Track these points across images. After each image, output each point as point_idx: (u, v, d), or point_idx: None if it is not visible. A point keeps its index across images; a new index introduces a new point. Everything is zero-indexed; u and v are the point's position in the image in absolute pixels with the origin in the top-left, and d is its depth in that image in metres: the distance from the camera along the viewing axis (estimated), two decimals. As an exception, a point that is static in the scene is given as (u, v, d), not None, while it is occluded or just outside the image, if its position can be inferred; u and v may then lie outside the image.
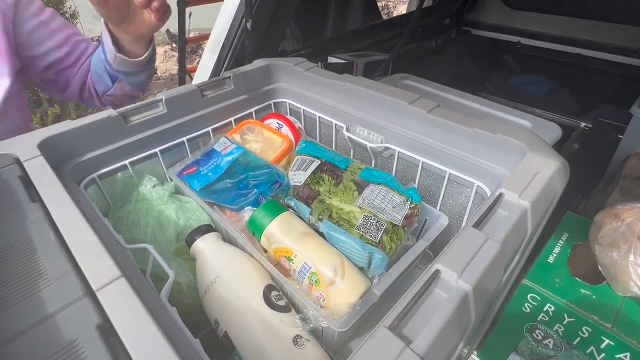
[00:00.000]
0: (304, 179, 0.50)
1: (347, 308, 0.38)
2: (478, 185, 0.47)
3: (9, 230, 0.33)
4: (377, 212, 0.45)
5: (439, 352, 0.24)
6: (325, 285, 0.40)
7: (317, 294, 0.40)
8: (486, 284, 0.29)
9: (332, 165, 0.51)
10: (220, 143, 0.56)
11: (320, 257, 0.41)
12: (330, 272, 0.40)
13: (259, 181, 0.50)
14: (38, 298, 0.27)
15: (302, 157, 0.53)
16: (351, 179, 0.49)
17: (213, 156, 0.54)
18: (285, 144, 0.58)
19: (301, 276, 0.42)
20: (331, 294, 0.39)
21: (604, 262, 0.47)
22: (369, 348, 0.24)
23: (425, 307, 0.27)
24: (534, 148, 0.40)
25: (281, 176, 0.51)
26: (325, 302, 0.40)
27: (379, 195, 0.46)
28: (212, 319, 0.40)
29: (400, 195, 0.47)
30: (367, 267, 0.43)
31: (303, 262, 0.42)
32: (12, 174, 0.40)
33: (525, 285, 0.48)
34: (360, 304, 0.38)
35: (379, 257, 0.42)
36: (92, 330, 0.25)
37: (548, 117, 1.04)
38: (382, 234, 0.43)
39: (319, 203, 0.47)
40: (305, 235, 0.44)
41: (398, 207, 0.46)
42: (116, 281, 0.28)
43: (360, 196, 0.47)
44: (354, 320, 0.37)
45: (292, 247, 0.43)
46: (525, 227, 0.35)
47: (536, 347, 0.43)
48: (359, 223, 0.44)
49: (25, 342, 0.25)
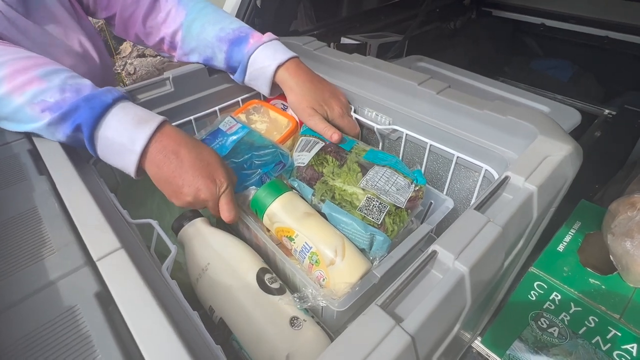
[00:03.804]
0: (308, 159, 0.49)
1: (346, 288, 0.38)
2: (486, 169, 0.45)
3: (17, 200, 0.34)
4: (380, 193, 0.44)
5: (429, 332, 0.24)
6: (325, 265, 0.40)
7: (317, 274, 0.40)
8: (484, 267, 0.28)
9: (336, 146, 0.51)
10: (225, 122, 0.56)
11: (321, 237, 0.41)
12: (331, 252, 0.40)
13: (262, 161, 0.50)
14: (41, 265, 0.28)
15: (307, 137, 0.52)
16: (355, 160, 0.48)
17: (218, 135, 0.54)
18: (290, 125, 0.57)
19: (302, 256, 0.42)
20: (331, 273, 0.39)
21: (616, 251, 0.45)
22: (360, 325, 0.24)
23: (419, 287, 0.27)
24: (545, 131, 0.39)
25: (285, 156, 0.51)
26: (324, 282, 0.40)
27: (382, 176, 0.46)
28: (205, 305, 0.41)
29: (405, 177, 0.46)
30: (368, 248, 0.42)
31: (304, 241, 0.41)
32: (22, 147, 0.41)
33: (532, 273, 0.47)
34: (359, 284, 0.38)
35: (380, 239, 0.41)
36: (90, 298, 0.26)
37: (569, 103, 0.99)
38: (384, 215, 0.43)
39: (321, 184, 0.47)
40: (307, 216, 0.44)
41: (402, 189, 0.45)
42: (116, 252, 0.29)
43: (363, 177, 0.46)
44: (352, 300, 0.37)
45: (293, 226, 0.43)
46: (530, 212, 0.33)
47: (540, 335, 0.42)
48: (361, 204, 0.44)
49: (28, 305, 0.26)
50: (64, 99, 0.40)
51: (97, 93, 0.41)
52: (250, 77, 0.57)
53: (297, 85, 0.54)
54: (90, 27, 0.58)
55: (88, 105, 0.40)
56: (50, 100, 0.40)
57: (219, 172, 0.43)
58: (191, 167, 0.41)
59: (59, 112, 0.39)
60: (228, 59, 0.56)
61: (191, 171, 0.41)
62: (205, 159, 0.42)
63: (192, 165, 0.41)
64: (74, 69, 0.44)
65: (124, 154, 0.41)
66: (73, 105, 0.40)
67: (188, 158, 0.41)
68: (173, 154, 0.41)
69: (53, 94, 0.40)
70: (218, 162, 0.43)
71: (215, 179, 0.42)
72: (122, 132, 0.40)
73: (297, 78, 0.54)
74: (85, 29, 0.56)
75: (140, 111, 0.42)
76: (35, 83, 0.40)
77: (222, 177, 0.42)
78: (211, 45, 0.56)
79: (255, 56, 0.55)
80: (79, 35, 0.54)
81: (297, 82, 0.54)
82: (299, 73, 0.55)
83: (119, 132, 0.40)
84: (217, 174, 0.42)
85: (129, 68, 2.04)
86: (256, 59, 0.55)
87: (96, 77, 0.45)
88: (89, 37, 0.56)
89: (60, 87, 0.40)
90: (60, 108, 0.40)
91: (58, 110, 0.40)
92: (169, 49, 0.61)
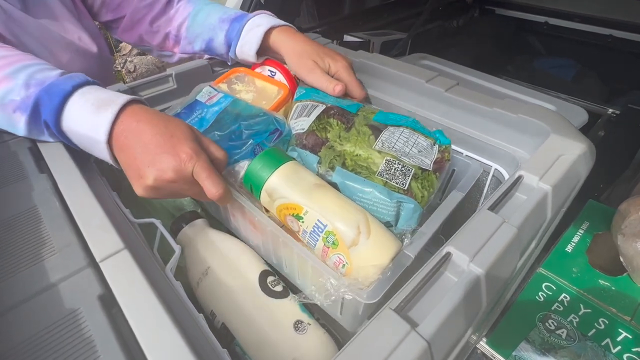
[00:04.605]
0: (307, 125, 0.41)
1: (375, 273, 0.30)
2: (495, 168, 0.45)
3: (17, 199, 0.33)
4: (401, 155, 0.37)
5: (445, 337, 0.23)
6: (346, 246, 0.32)
7: (334, 259, 0.33)
8: (499, 269, 0.27)
9: (339, 108, 0.43)
10: (203, 93, 0.47)
11: (338, 212, 0.34)
12: (352, 230, 0.32)
13: (254, 130, 0.42)
14: (42, 266, 0.27)
15: (303, 102, 0.45)
16: (364, 123, 0.41)
17: (196, 108, 0.46)
18: (281, 92, 0.49)
19: (313, 238, 0.34)
20: (353, 257, 0.32)
21: (626, 252, 0.44)
22: (373, 329, 0.23)
23: (433, 290, 0.26)
24: (557, 129, 0.38)
25: (281, 123, 0.43)
26: (344, 269, 0.33)
27: (400, 137, 0.39)
28: (207, 310, 0.39)
29: (426, 137, 0.40)
30: (394, 221, 0.35)
31: (316, 219, 0.34)
32: (22, 145, 0.40)
33: (540, 274, 0.47)
34: (391, 268, 0.31)
35: (410, 207, 0.34)
36: (93, 300, 0.25)
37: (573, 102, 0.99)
38: (409, 179, 0.35)
39: (328, 149, 0.39)
40: (317, 187, 0.36)
41: (425, 150, 0.38)
42: (119, 253, 0.28)
43: (377, 139, 0.39)
44: (385, 288, 0.30)
45: (301, 201, 0.35)
46: (545, 212, 0.33)
47: (548, 337, 0.42)
48: (380, 169, 0.36)
49: (29, 308, 0.25)
50: (28, 95, 0.36)
51: (57, 81, 0.37)
52: (242, 42, 0.53)
53: (295, 42, 0.51)
54: (92, 24, 0.58)
55: (48, 96, 0.36)
56: (17, 99, 0.36)
57: (185, 144, 0.34)
58: (150, 143, 0.34)
59: (28, 110, 0.36)
60: (227, 35, 0.54)
61: (151, 148, 0.34)
62: (169, 132, 0.35)
63: (151, 142, 0.34)
64: (71, 64, 0.43)
65: (93, 145, 0.36)
66: (36, 98, 0.36)
67: (149, 135, 0.35)
68: (134, 134, 0.35)
69: (19, 91, 0.36)
70: (184, 134, 0.35)
71: (179, 154, 0.34)
72: (83, 122, 0.36)
73: (294, 37, 0.52)
74: (86, 26, 0.55)
75: (103, 94, 0.37)
76: (3, 83, 0.37)
77: (188, 149, 0.34)
78: (214, 27, 0.55)
79: (251, 22, 0.53)
80: (79, 31, 0.54)
81: (295, 41, 0.51)
82: (297, 35, 0.52)
83: (80, 122, 0.36)
84: (180, 148, 0.34)
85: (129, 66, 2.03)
86: (251, 24, 0.53)
87: (95, 74, 0.43)
88: (90, 34, 0.55)
89: (26, 83, 0.37)
90: (27, 105, 0.36)
91: (26, 108, 0.36)
92: (174, 43, 0.60)
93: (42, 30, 0.50)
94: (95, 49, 0.56)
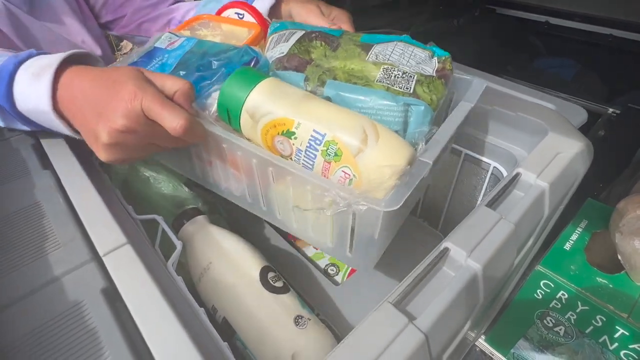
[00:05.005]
0: (287, 48, 0.36)
1: (391, 176, 0.26)
2: (494, 166, 0.45)
3: (21, 194, 0.33)
4: (400, 65, 0.33)
5: (442, 330, 0.24)
6: (351, 155, 0.27)
7: (338, 175, 0.28)
8: (497, 265, 0.28)
9: (321, 32, 0.38)
10: (163, 39, 0.42)
11: (337, 118, 0.29)
12: (357, 134, 0.27)
13: (225, 61, 0.36)
14: (46, 260, 0.28)
15: (279, 33, 0.40)
16: (352, 43, 0.37)
17: (156, 54, 0.41)
18: (252, 32, 0.44)
19: (310, 155, 0.29)
20: (362, 166, 0.27)
21: (624, 250, 0.45)
22: (372, 322, 0.24)
23: (431, 285, 0.26)
24: (556, 127, 0.38)
25: (256, 52, 0.38)
26: (352, 184, 0.28)
27: (395, 50, 0.35)
28: (208, 305, 0.40)
29: (423, 49, 0.36)
30: (403, 129, 0.31)
31: (311, 129, 0.28)
32: (26, 141, 0.40)
33: (538, 271, 0.47)
34: (408, 172, 0.26)
35: (420, 109, 0.30)
36: (97, 294, 0.25)
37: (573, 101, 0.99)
38: (414, 84, 0.31)
39: (314, 67, 0.34)
40: (308, 97, 0.31)
41: (424, 61, 0.34)
42: (122, 247, 0.28)
43: (370, 53, 0.34)
44: (405, 195, 0.25)
45: (291, 113, 0.29)
46: (542, 209, 0.33)
47: (546, 334, 0.42)
48: (379, 76, 0.32)
49: (35, 300, 0.25)
50: None
51: (3, 64, 0.34)
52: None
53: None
54: (96, 26, 0.58)
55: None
56: None
57: (126, 84, 0.30)
58: (94, 98, 0.31)
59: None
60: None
61: (96, 103, 0.31)
62: (111, 79, 0.31)
63: (94, 96, 0.31)
64: None
65: (47, 120, 0.33)
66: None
67: (91, 89, 0.31)
68: (78, 94, 0.32)
69: None
70: (126, 75, 0.31)
71: (121, 96, 0.29)
72: (27, 96, 0.33)
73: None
74: (89, 28, 0.56)
75: (43, 60, 0.34)
76: None
77: (130, 87, 0.30)
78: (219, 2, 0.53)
79: None
80: (83, 33, 0.54)
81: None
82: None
83: (25, 97, 0.33)
84: (122, 89, 0.30)
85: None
86: None
87: None
88: (93, 36, 0.56)
89: None
90: None
91: None
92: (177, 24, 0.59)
93: (47, 33, 0.50)
94: (99, 51, 0.57)
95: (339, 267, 0.48)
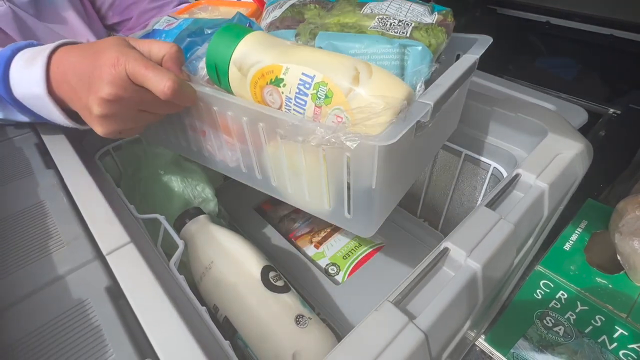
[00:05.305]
0: (280, 13, 0.36)
1: (386, 108, 0.24)
2: (494, 167, 0.45)
3: (25, 194, 0.34)
4: (396, 16, 0.32)
5: (442, 329, 0.24)
6: (343, 94, 0.25)
7: (330, 117, 0.26)
8: (496, 265, 0.28)
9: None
10: (162, 21, 0.43)
11: (327, 60, 0.27)
12: (347, 73, 0.25)
13: (217, 27, 0.36)
14: (51, 259, 0.28)
15: (274, 4, 0.39)
16: (347, 4, 0.36)
17: (154, 35, 0.42)
18: (249, 10, 0.45)
19: (299, 102, 0.27)
20: (354, 105, 0.25)
21: (623, 251, 0.45)
22: (372, 321, 0.24)
23: (431, 284, 0.27)
24: (555, 128, 0.39)
25: (249, 19, 0.38)
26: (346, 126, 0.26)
27: (391, 5, 0.33)
28: (210, 304, 0.40)
29: (421, 4, 0.34)
30: (400, 73, 0.29)
31: (300, 72, 0.27)
32: (29, 141, 0.40)
33: (538, 271, 0.47)
34: (405, 110, 0.24)
35: (417, 49, 0.28)
36: (101, 292, 0.26)
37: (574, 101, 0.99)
38: (410, 29, 0.30)
39: (307, 25, 0.33)
40: (296, 45, 0.30)
41: (422, 14, 0.33)
42: (125, 246, 0.29)
43: (364, 7, 0.33)
44: (403, 130, 0.23)
45: (279, 60, 0.28)
46: (541, 210, 0.33)
47: (545, 334, 0.42)
48: (373, 24, 0.30)
49: (39, 299, 0.26)
50: None
51: (2, 50, 0.35)
52: None
53: None
54: (101, 28, 0.59)
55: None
56: None
57: (109, 51, 0.29)
58: (81, 72, 0.31)
59: None
60: None
61: (83, 76, 0.30)
62: (94, 50, 0.31)
63: (81, 70, 0.31)
64: None
65: (43, 106, 0.34)
66: None
67: (79, 64, 0.31)
68: (68, 72, 0.32)
69: None
70: (109, 43, 0.31)
71: (104, 64, 0.29)
72: (22, 81, 0.33)
73: None
74: (95, 31, 0.56)
75: (38, 47, 0.34)
76: None
77: (112, 53, 0.29)
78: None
79: None
80: (88, 35, 0.55)
81: None
82: None
83: (20, 82, 0.33)
84: (104, 57, 0.29)
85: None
86: None
87: None
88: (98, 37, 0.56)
89: None
90: None
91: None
92: None
93: (53, 35, 0.51)
94: None
95: (340, 267, 0.48)
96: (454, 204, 0.53)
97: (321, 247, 0.51)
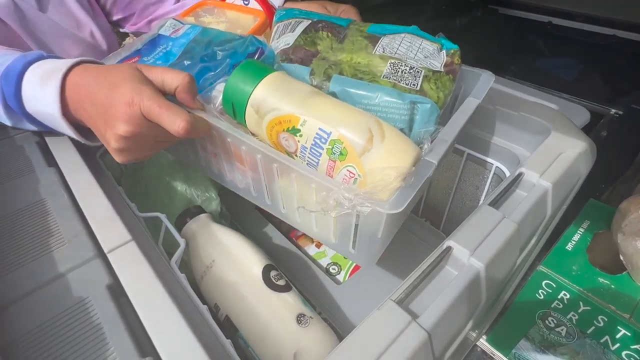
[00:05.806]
0: (293, 39, 0.36)
1: (396, 177, 0.26)
2: (496, 166, 0.45)
3: (26, 192, 0.34)
4: (407, 59, 0.34)
5: (445, 328, 0.24)
6: (356, 154, 0.27)
7: (343, 173, 0.28)
8: (499, 264, 0.28)
9: (328, 22, 0.38)
10: (167, 26, 0.42)
11: (343, 117, 0.29)
12: (362, 134, 0.27)
13: (230, 51, 0.36)
14: (52, 257, 0.28)
15: (284, 22, 0.39)
16: (359, 34, 0.37)
17: (159, 42, 0.41)
18: (258, 19, 0.43)
19: (315, 153, 0.29)
20: (367, 165, 0.27)
21: (626, 251, 0.45)
22: (375, 320, 0.24)
23: (434, 283, 0.26)
24: (558, 127, 0.38)
25: (261, 42, 0.38)
26: (356, 184, 0.28)
27: (402, 42, 0.35)
28: (211, 303, 0.40)
29: (431, 42, 0.36)
30: (408, 127, 0.31)
31: (317, 127, 0.28)
32: (31, 140, 0.40)
33: (540, 272, 0.47)
34: (413, 174, 0.26)
35: (426, 107, 0.30)
36: (102, 290, 0.26)
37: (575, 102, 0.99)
38: (421, 81, 0.31)
39: (320, 60, 0.34)
40: (314, 94, 0.31)
41: (432, 55, 0.34)
42: (126, 244, 0.29)
43: (377, 45, 0.34)
44: (409, 197, 0.25)
45: (297, 110, 0.29)
46: (545, 209, 0.33)
47: (547, 334, 0.42)
48: (385, 71, 0.32)
49: (41, 296, 0.26)
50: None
51: (12, 64, 0.34)
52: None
53: None
54: (105, 23, 0.59)
55: (5, 81, 0.34)
56: None
57: (122, 88, 0.30)
58: (98, 102, 0.31)
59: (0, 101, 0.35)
60: None
61: (100, 108, 0.31)
62: (108, 81, 0.31)
63: (98, 100, 0.31)
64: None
65: (56, 124, 0.34)
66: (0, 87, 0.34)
67: (95, 93, 0.31)
68: (85, 97, 0.32)
69: None
70: (122, 75, 0.31)
71: (119, 103, 0.29)
72: (36, 99, 0.33)
73: None
74: (99, 24, 0.56)
75: (51, 64, 0.34)
76: None
77: (125, 92, 0.29)
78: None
79: None
80: (92, 28, 0.55)
81: None
82: None
83: (34, 100, 0.33)
84: (118, 95, 0.30)
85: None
86: None
87: None
88: (103, 32, 0.56)
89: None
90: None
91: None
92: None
93: (55, 28, 0.51)
94: (105, 46, 0.57)
95: (341, 266, 0.48)
96: (456, 203, 0.53)
97: (322, 246, 0.51)
